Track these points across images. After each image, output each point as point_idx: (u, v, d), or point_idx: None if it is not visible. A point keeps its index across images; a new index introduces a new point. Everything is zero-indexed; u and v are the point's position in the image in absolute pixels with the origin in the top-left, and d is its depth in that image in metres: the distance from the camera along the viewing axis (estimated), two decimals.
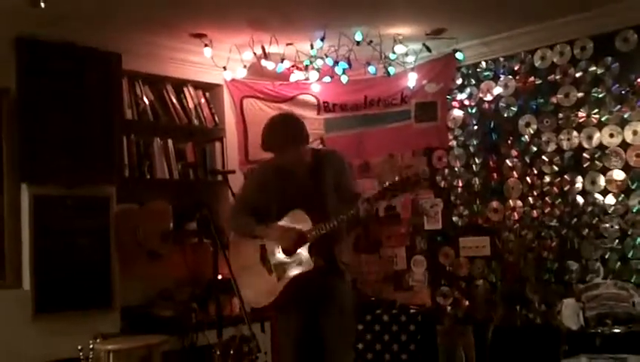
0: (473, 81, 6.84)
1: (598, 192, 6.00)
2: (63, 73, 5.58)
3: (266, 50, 6.29)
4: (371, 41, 6.12)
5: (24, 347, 5.14)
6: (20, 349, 5.12)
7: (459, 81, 6.91)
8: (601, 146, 6.01)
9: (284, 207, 4.58)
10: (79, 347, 4.94)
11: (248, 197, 4.82)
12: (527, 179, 6.43)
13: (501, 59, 6.64)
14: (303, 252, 4.45)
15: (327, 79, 6.74)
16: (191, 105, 6.66)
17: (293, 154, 4.57)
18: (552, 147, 6.29)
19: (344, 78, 6.59)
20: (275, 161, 4.73)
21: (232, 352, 3.97)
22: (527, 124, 6.43)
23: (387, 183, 4.33)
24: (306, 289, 4.49)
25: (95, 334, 5.12)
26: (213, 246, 5.11)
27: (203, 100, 6.78)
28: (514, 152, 6.54)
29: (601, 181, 5.98)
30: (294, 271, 4.48)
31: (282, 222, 4.55)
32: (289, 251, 4.50)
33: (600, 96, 6.02)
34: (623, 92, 5.91)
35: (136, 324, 5.78)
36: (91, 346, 4.95)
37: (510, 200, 6.55)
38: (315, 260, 4.44)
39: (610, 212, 5.94)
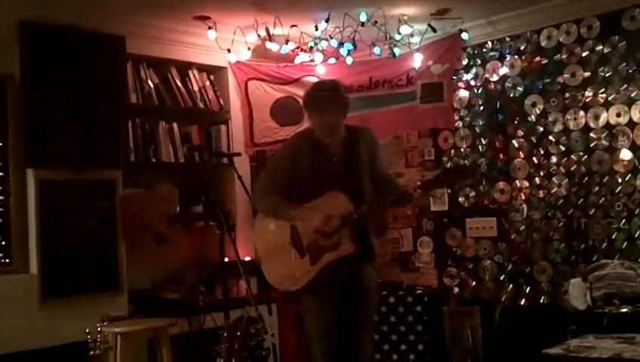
0: (479, 62, 6.82)
1: (605, 172, 5.98)
2: (67, 57, 5.57)
3: (271, 32, 6.27)
4: (376, 22, 6.09)
5: (32, 331, 5.17)
6: (28, 333, 5.14)
7: (464, 62, 6.88)
8: (607, 126, 5.98)
9: (318, 184, 4.41)
10: (87, 330, 4.97)
11: (280, 171, 4.56)
12: (534, 159, 6.42)
13: (507, 39, 6.61)
14: (343, 235, 4.31)
15: (332, 61, 6.73)
16: (196, 88, 6.65)
17: (332, 118, 4.44)
18: (558, 127, 6.26)
19: (349, 60, 6.57)
20: (310, 130, 4.61)
21: (238, 334, 3.98)
22: (534, 104, 6.41)
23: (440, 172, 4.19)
24: (340, 273, 4.38)
25: (102, 317, 5.15)
26: (219, 229, 5.12)
27: (208, 83, 6.78)
28: (520, 132, 6.51)
29: (608, 161, 5.96)
30: (332, 256, 4.32)
31: (317, 204, 4.38)
32: (327, 234, 4.33)
33: (607, 75, 5.99)
34: (629, 71, 5.88)
35: (143, 307, 5.80)
36: (99, 329, 4.98)
37: (517, 181, 6.53)
38: (355, 245, 4.32)
39: (617, 192, 5.92)
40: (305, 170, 4.46)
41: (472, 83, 6.85)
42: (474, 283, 6.83)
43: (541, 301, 6.33)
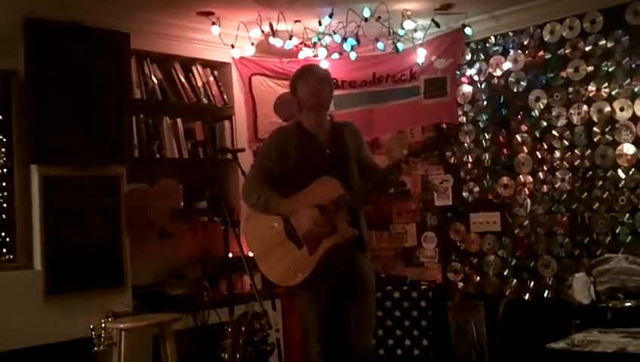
0: (482, 56, 6.81)
1: (609, 166, 5.98)
2: (71, 53, 5.56)
3: (274, 28, 6.28)
4: (379, 17, 6.09)
5: (36, 327, 5.17)
6: (32, 330, 5.15)
7: (468, 57, 6.88)
8: (611, 120, 5.98)
9: (308, 173, 4.38)
10: (91, 326, 4.98)
11: (268, 164, 4.51)
12: (538, 154, 6.41)
13: (510, 33, 6.61)
14: (338, 220, 4.29)
15: (335, 56, 6.73)
16: (199, 83, 6.65)
17: (326, 92, 4.54)
18: (562, 121, 6.26)
19: (353, 55, 6.57)
20: (293, 123, 4.64)
21: (243, 329, 3.99)
22: (537, 99, 6.41)
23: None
24: (337, 261, 4.36)
25: (107, 313, 5.17)
26: (223, 225, 5.12)
27: (211, 78, 6.77)
28: (524, 127, 6.51)
29: (612, 155, 5.95)
30: (330, 242, 4.29)
31: (309, 190, 4.36)
32: (322, 221, 4.28)
33: (610, 69, 5.99)
34: (633, 65, 5.87)
35: (148, 303, 5.81)
36: (103, 325, 4.99)
37: (520, 176, 6.53)
38: (352, 228, 4.31)
39: (620, 186, 5.92)
40: (294, 160, 4.45)
41: (476, 78, 6.85)
42: (478, 277, 6.83)
43: (545, 295, 6.33)
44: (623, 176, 5.90)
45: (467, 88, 6.90)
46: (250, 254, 4.66)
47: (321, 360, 4.45)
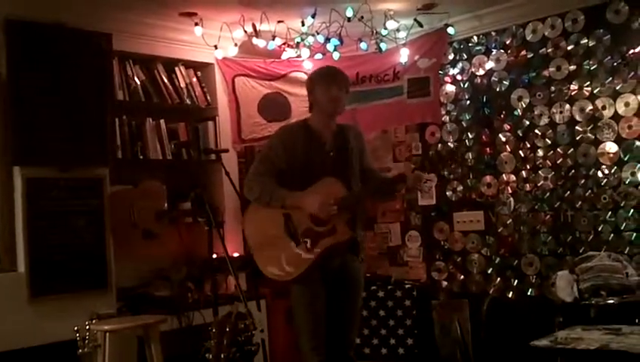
0: (465, 56, 6.83)
1: (591, 165, 6.01)
2: (53, 55, 5.54)
3: (257, 28, 6.27)
4: (362, 17, 6.10)
5: (20, 330, 5.14)
6: (16, 332, 5.12)
7: (451, 56, 6.90)
8: (593, 119, 6.01)
9: (312, 172, 4.45)
10: (75, 328, 4.97)
11: (273, 159, 4.52)
12: (520, 152, 6.44)
13: (493, 33, 6.63)
14: (338, 221, 4.38)
15: (318, 56, 6.72)
16: (182, 84, 6.63)
17: (342, 97, 4.56)
18: (544, 120, 6.29)
19: (336, 55, 6.57)
20: (301, 121, 4.69)
21: (227, 330, 3.98)
22: (520, 98, 6.43)
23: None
24: (332, 261, 4.44)
25: (91, 315, 5.15)
26: (207, 225, 5.12)
27: (195, 79, 6.75)
28: (507, 126, 6.54)
29: (594, 153, 5.99)
30: (328, 242, 4.37)
31: (313, 189, 4.41)
32: (322, 220, 4.38)
33: (592, 68, 6.01)
34: (614, 64, 5.90)
35: (132, 305, 5.81)
36: (87, 327, 4.98)
37: (504, 175, 6.55)
38: (350, 231, 4.41)
39: (603, 184, 5.95)
40: (299, 159, 4.49)
41: (459, 77, 6.87)
42: (462, 276, 6.86)
43: (529, 293, 6.36)
44: (605, 174, 5.93)
45: (450, 88, 6.92)
46: (236, 254, 4.68)
47: (316, 355, 4.44)
